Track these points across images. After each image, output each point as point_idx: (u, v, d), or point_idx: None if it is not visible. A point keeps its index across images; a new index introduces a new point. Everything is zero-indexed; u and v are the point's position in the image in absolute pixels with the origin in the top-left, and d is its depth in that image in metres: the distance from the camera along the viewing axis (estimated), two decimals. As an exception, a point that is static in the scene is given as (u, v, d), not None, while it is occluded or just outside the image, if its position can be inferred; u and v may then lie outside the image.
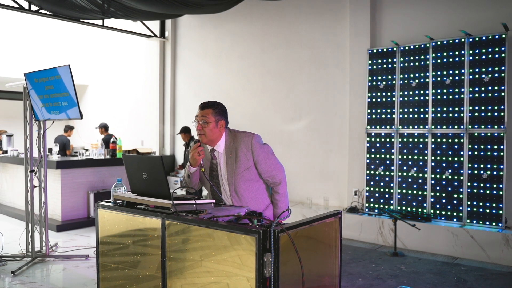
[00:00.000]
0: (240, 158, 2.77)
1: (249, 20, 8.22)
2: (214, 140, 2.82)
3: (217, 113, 2.81)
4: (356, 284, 4.42)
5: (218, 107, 2.84)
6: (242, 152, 2.77)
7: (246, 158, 2.77)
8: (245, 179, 2.79)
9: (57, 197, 6.75)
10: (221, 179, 2.86)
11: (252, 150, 2.78)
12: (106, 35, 10.47)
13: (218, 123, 2.80)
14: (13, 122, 9.48)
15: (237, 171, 2.77)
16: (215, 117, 2.79)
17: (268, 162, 2.81)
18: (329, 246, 2.55)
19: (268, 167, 2.81)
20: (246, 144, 2.78)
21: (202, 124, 2.78)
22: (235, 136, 2.83)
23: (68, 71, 4.76)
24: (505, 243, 5.03)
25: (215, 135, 2.80)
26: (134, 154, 6.96)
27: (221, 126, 2.82)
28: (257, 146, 2.79)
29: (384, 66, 6.22)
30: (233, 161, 2.78)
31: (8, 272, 4.67)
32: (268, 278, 2.05)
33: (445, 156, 5.69)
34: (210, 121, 2.78)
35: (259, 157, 2.79)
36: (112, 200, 2.85)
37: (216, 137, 2.81)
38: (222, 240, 2.20)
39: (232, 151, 2.78)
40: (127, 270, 2.73)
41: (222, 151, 2.84)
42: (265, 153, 2.81)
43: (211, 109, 2.81)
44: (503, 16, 5.42)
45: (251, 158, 2.78)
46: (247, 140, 2.79)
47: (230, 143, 2.81)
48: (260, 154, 2.79)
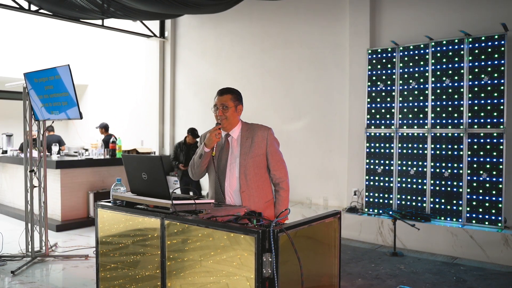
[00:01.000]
0: (255, 144, 2.87)
1: (248, 20, 8.22)
2: (233, 125, 2.92)
3: (236, 99, 2.91)
4: (356, 284, 4.42)
5: (236, 93, 2.94)
6: (258, 139, 2.88)
7: (260, 146, 2.88)
8: (256, 165, 2.87)
9: (56, 197, 6.75)
10: (229, 163, 2.89)
11: (267, 140, 2.89)
12: (106, 35, 10.47)
13: (237, 107, 2.91)
14: (13, 122, 9.47)
15: (250, 154, 2.86)
16: (234, 102, 2.90)
17: (277, 157, 2.93)
18: (329, 246, 2.55)
19: (277, 161, 2.92)
20: (262, 133, 2.90)
21: (222, 109, 2.86)
22: (251, 126, 2.96)
23: (67, 71, 4.76)
24: (504, 243, 5.03)
25: (235, 119, 2.91)
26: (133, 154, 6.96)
27: (240, 111, 2.94)
28: (272, 138, 2.92)
29: (384, 66, 6.22)
30: (249, 145, 2.87)
31: (8, 272, 4.67)
32: (267, 278, 2.05)
33: (444, 156, 5.69)
34: (230, 106, 2.87)
35: (271, 148, 2.90)
36: (111, 200, 2.86)
37: (236, 122, 2.93)
38: (222, 240, 2.21)
39: (248, 136, 2.89)
40: (127, 270, 2.73)
41: (236, 136, 2.93)
42: (277, 147, 2.95)
43: (230, 94, 2.90)
44: (502, 16, 5.42)
45: (265, 147, 2.89)
46: (264, 130, 2.91)
47: (246, 130, 2.93)
48: (273, 146, 2.92)
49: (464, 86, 5.53)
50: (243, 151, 2.87)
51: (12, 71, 9.70)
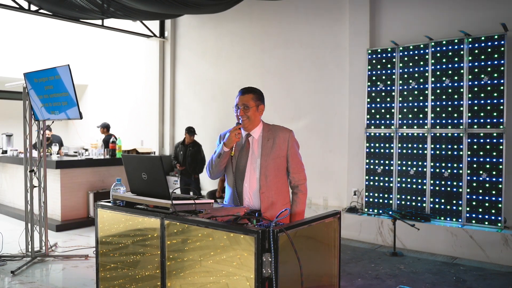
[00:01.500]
0: (277, 145, 2.83)
1: (248, 20, 8.22)
2: (254, 125, 2.90)
3: (257, 98, 2.90)
4: (355, 284, 4.42)
5: (257, 93, 2.92)
6: (280, 140, 2.84)
7: (282, 148, 2.84)
8: (276, 167, 2.84)
9: (56, 197, 6.75)
10: (250, 164, 2.85)
11: (289, 142, 2.86)
12: (106, 35, 10.47)
13: (258, 107, 2.89)
14: (13, 122, 9.47)
15: (272, 155, 2.82)
16: (256, 102, 2.88)
17: (297, 159, 2.91)
18: (328, 246, 2.55)
19: (297, 163, 2.90)
20: (284, 135, 2.86)
21: (243, 109, 2.86)
22: (273, 127, 2.93)
23: (67, 71, 4.76)
24: (504, 243, 5.04)
25: (257, 119, 2.90)
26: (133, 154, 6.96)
27: (261, 111, 2.92)
28: (293, 140, 2.89)
29: (384, 66, 6.22)
30: (270, 146, 2.84)
31: (8, 272, 4.67)
32: (267, 278, 2.05)
33: (444, 156, 5.69)
34: (251, 106, 2.86)
35: (292, 151, 2.87)
36: (111, 200, 2.86)
37: (257, 121, 2.91)
38: (221, 240, 2.21)
39: (270, 137, 2.86)
40: (127, 270, 2.73)
41: (257, 137, 2.89)
42: (297, 150, 2.92)
43: (252, 94, 2.89)
44: (502, 16, 5.42)
45: (286, 149, 2.85)
46: (286, 132, 2.88)
47: (267, 131, 2.89)
48: (294, 148, 2.89)
49: (464, 86, 5.54)
50: (264, 152, 2.83)
51: (12, 71, 9.70)
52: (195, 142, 7.93)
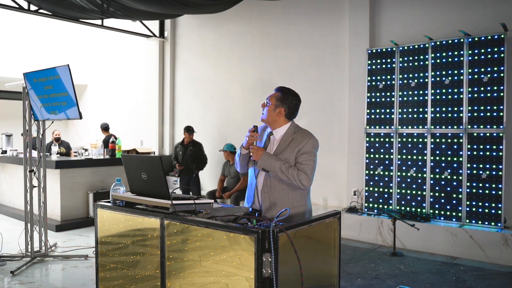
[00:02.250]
0: (289, 148, 2.77)
1: (248, 20, 8.22)
2: (271, 123, 2.86)
3: (280, 100, 2.83)
4: (355, 284, 4.42)
5: (285, 95, 2.85)
6: (294, 144, 2.77)
7: (293, 151, 2.75)
8: None
9: (56, 197, 6.75)
10: None
11: (303, 146, 2.75)
12: (106, 35, 10.46)
13: (276, 108, 2.83)
14: (12, 122, 9.46)
15: (280, 157, 2.74)
16: (277, 101, 2.83)
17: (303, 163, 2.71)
18: (328, 246, 2.55)
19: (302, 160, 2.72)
20: (301, 140, 2.77)
21: (265, 103, 2.86)
22: (298, 131, 2.86)
23: (67, 71, 4.76)
24: (504, 243, 5.04)
25: (271, 118, 2.84)
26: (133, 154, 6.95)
27: (279, 113, 2.83)
28: (308, 146, 2.76)
29: (383, 66, 6.22)
30: (282, 148, 2.79)
31: (7, 272, 4.67)
32: (267, 278, 2.05)
33: (444, 156, 5.69)
34: (271, 103, 2.84)
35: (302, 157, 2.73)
36: (111, 200, 2.86)
37: (273, 121, 2.85)
38: (221, 240, 2.20)
39: (287, 140, 2.80)
40: (126, 270, 2.73)
41: (278, 137, 2.85)
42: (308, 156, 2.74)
43: (278, 93, 2.86)
44: (502, 16, 5.42)
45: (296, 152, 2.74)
46: (305, 137, 2.78)
47: (289, 134, 2.83)
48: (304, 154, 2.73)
49: (463, 86, 5.54)
50: (275, 152, 2.80)
51: (11, 71, 9.68)
52: (195, 141, 7.93)
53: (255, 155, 2.72)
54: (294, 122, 2.93)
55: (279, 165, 2.67)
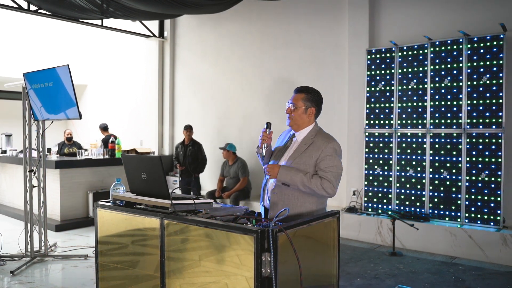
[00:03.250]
0: (308, 151, 2.68)
1: (248, 20, 8.22)
2: (300, 126, 2.77)
3: (308, 99, 2.75)
4: (355, 283, 4.43)
5: (311, 93, 2.77)
6: (314, 148, 2.68)
7: (312, 155, 2.67)
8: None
9: (56, 197, 6.75)
10: (279, 162, 2.77)
11: (323, 151, 2.66)
12: (105, 35, 10.45)
13: (307, 109, 2.74)
14: (12, 122, 9.46)
15: (297, 160, 2.68)
16: (305, 103, 2.74)
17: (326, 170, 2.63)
18: (328, 246, 2.56)
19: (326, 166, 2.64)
20: (321, 143, 2.68)
21: (292, 108, 2.75)
22: (320, 133, 2.77)
23: (67, 71, 4.76)
24: (503, 243, 5.04)
25: (302, 121, 2.76)
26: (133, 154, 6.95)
27: (311, 114, 2.76)
28: (329, 150, 2.66)
29: (383, 66, 6.23)
30: (301, 151, 2.71)
31: (7, 272, 4.67)
32: (266, 278, 2.06)
33: (443, 156, 5.70)
34: (300, 106, 2.74)
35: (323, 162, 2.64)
36: (111, 200, 2.86)
37: (303, 123, 2.76)
38: (221, 240, 2.21)
39: (308, 143, 2.72)
40: (126, 269, 2.73)
41: (300, 139, 2.78)
42: (331, 161, 2.65)
43: (304, 94, 2.76)
44: (501, 16, 5.43)
45: (317, 157, 2.66)
46: (325, 141, 2.69)
47: (311, 137, 2.74)
48: (327, 159, 2.65)
49: (463, 86, 5.54)
50: (293, 155, 2.73)
51: (11, 71, 9.68)
52: (195, 141, 7.93)
53: (271, 173, 2.64)
54: (317, 123, 2.84)
55: (301, 179, 2.58)
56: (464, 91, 5.53)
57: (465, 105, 5.52)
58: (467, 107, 5.51)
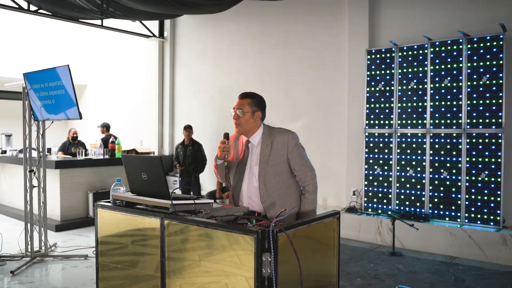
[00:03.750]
0: (274, 151, 2.76)
1: (248, 20, 8.22)
2: (249, 131, 2.82)
3: (254, 104, 2.81)
4: (354, 283, 4.43)
5: (256, 98, 2.84)
6: (278, 145, 2.76)
7: (280, 153, 2.76)
8: (276, 173, 2.76)
9: (56, 197, 6.75)
10: (248, 171, 2.81)
11: (288, 145, 2.77)
12: (105, 35, 10.46)
13: (254, 114, 2.80)
14: (12, 122, 9.46)
15: (270, 163, 2.75)
16: (252, 107, 2.79)
17: (301, 161, 2.79)
18: (328, 246, 2.56)
19: (301, 166, 2.79)
20: (282, 138, 2.77)
21: (238, 114, 2.79)
22: (272, 130, 2.83)
23: (67, 71, 4.77)
24: (502, 243, 5.05)
25: (250, 126, 2.80)
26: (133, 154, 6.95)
27: (257, 118, 2.82)
28: (293, 142, 2.78)
29: (383, 66, 6.23)
30: (267, 153, 2.76)
31: (7, 272, 4.68)
32: (266, 278, 2.06)
33: (443, 156, 5.70)
34: (246, 111, 2.78)
35: (293, 153, 2.78)
36: (111, 200, 2.86)
37: (251, 128, 2.81)
38: (221, 240, 2.21)
39: (268, 143, 2.77)
40: (126, 270, 2.74)
41: (256, 143, 2.82)
42: (299, 151, 2.80)
43: (249, 99, 2.82)
44: (501, 16, 5.44)
45: (285, 153, 2.77)
46: (284, 136, 2.78)
47: (266, 136, 2.80)
48: (295, 151, 2.78)
49: (462, 86, 5.55)
50: (262, 159, 2.76)
51: (11, 71, 9.68)
52: (195, 141, 7.94)
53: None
54: (264, 123, 2.90)
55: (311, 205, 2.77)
56: (464, 91, 5.53)
57: (465, 105, 5.53)
58: (467, 107, 5.51)
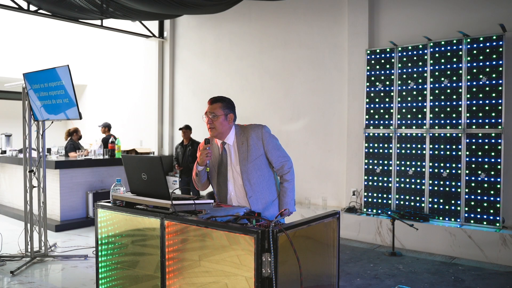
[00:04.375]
0: (251, 146, 2.84)
1: (247, 20, 8.23)
2: (223, 133, 2.89)
3: (226, 107, 2.90)
4: (354, 283, 4.43)
5: (226, 101, 2.93)
6: (253, 141, 2.85)
7: (257, 147, 2.85)
8: (257, 168, 2.85)
9: (56, 197, 6.75)
10: (231, 171, 2.89)
11: (263, 139, 2.86)
12: (105, 35, 10.47)
13: (227, 116, 2.88)
14: (12, 122, 9.47)
15: (249, 159, 2.83)
16: (224, 110, 2.88)
17: (277, 152, 2.89)
18: (327, 246, 2.56)
19: (278, 157, 2.88)
20: (256, 133, 2.86)
21: (212, 118, 2.87)
22: (245, 128, 2.93)
23: (67, 71, 4.77)
24: (502, 243, 5.05)
25: (224, 128, 2.87)
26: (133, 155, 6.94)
27: (230, 119, 2.90)
28: (267, 135, 2.87)
29: (382, 66, 6.23)
30: (245, 150, 2.85)
31: (7, 272, 4.67)
32: (266, 278, 2.06)
33: (442, 157, 5.70)
34: (219, 115, 2.86)
35: (269, 146, 2.87)
36: (111, 200, 2.86)
37: (226, 130, 2.89)
38: (221, 240, 2.21)
39: (243, 141, 2.86)
40: (126, 270, 2.74)
41: (232, 143, 2.90)
42: (274, 143, 2.90)
43: (220, 103, 2.91)
44: (500, 16, 5.44)
45: (262, 147, 2.86)
46: (257, 130, 2.88)
47: (240, 135, 2.89)
48: (270, 143, 2.87)
49: (462, 87, 5.55)
50: (241, 157, 2.85)
51: (11, 71, 9.70)
52: (194, 141, 7.93)
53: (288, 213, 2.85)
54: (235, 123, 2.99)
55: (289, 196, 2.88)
56: (464, 91, 5.53)
57: (464, 105, 5.53)
58: (467, 107, 5.51)
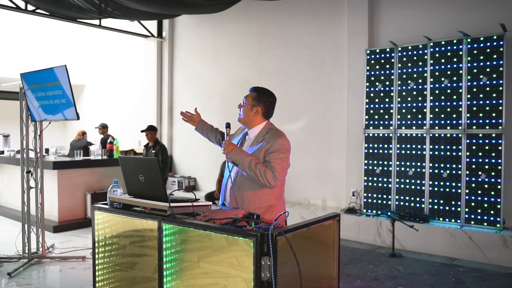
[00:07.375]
0: (259, 147, 2.80)
1: (246, 20, 8.20)
2: (247, 123, 2.91)
3: (256, 99, 2.88)
4: (354, 285, 4.40)
5: (261, 94, 2.91)
6: (264, 142, 2.80)
7: (261, 150, 2.77)
8: None
9: (53, 198, 6.72)
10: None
11: (272, 145, 2.74)
12: (103, 35, 10.43)
13: (253, 107, 2.87)
14: (10, 123, 9.43)
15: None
16: (253, 101, 2.87)
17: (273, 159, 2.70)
18: (327, 248, 2.54)
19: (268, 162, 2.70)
20: (272, 139, 2.78)
21: (242, 103, 2.90)
22: (272, 131, 2.87)
23: (64, 71, 4.73)
24: (503, 244, 5.03)
25: (248, 118, 2.88)
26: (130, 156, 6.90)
27: (256, 112, 2.88)
28: (277, 144, 2.74)
29: (382, 66, 6.21)
30: (254, 148, 2.83)
31: (4, 273, 4.64)
32: (266, 282, 2.03)
33: (443, 157, 5.68)
34: (247, 103, 2.88)
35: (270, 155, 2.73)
36: (108, 202, 2.83)
37: (249, 121, 2.89)
38: (220, 242, 2.19)
39: (259, 140, 2.84)
40: (124, 271, 2.71)
41: (252, 137, 2.90)
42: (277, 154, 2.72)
43: (254, 93, 2.91)
44: (501, 16, 5.42)
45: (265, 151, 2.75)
46: (275, 137, 2.79)
47: (263, 134, 2.85)
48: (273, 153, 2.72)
49: (462, 87, 5.53)
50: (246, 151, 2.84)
51: (8, 71, 9.66)
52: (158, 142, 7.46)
53: (226, 149, 2.75)
54: (269, 122, 2.96)
55: (248, 161, 2.66)
56: (464, 92, 5.51)
57: (464, 105, 5.51)
58: (467, 107, 5.49)
